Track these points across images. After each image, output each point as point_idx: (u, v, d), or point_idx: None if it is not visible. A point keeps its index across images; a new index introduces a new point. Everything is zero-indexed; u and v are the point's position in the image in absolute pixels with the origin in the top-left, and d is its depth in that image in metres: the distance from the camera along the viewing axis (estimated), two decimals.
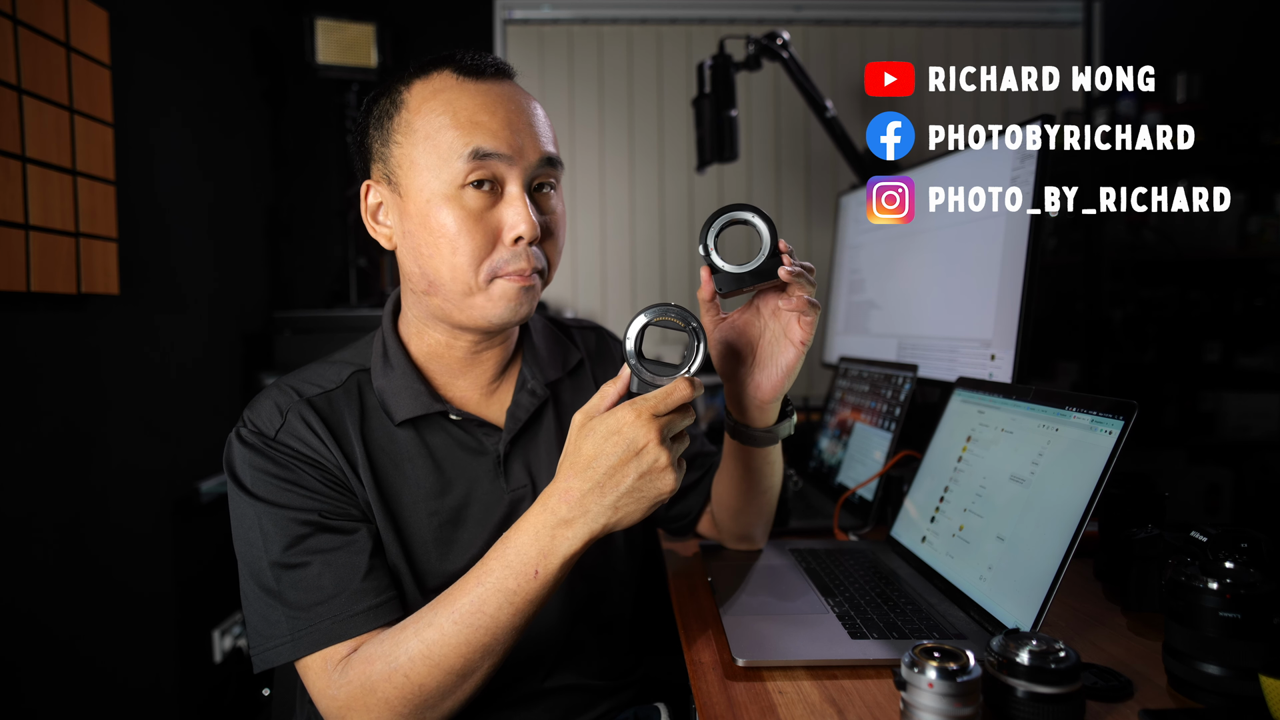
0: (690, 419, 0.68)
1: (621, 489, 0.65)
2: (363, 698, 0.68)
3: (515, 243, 0.76)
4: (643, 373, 0.68)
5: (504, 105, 0.76)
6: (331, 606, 0.71)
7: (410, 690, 0.67)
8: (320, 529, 0.73)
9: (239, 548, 0.75)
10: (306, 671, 0.71)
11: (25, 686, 1.25)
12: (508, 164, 0.75)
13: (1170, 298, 2.39)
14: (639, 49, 2.44)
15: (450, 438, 0.82)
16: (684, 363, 0.69)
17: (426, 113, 0.75)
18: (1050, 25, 2.42)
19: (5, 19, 1.19)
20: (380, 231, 0.82)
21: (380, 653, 0.69)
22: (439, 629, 0.67)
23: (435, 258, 0.76)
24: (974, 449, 0.92)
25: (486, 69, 0.78)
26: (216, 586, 1.82)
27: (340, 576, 0.72)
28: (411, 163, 0.76)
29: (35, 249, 1.25)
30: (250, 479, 0.74)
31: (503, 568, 0.67)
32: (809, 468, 1.45)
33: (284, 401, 0.78)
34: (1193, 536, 0.71)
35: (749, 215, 0.77)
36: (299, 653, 0.70)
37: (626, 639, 0.94)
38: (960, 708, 0.54)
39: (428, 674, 0.67)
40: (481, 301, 0.77)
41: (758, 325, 0.82)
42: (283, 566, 0.72)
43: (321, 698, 0.70)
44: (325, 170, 2.35)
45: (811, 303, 0.78)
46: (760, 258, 0.77)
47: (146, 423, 1.59)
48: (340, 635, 0.70)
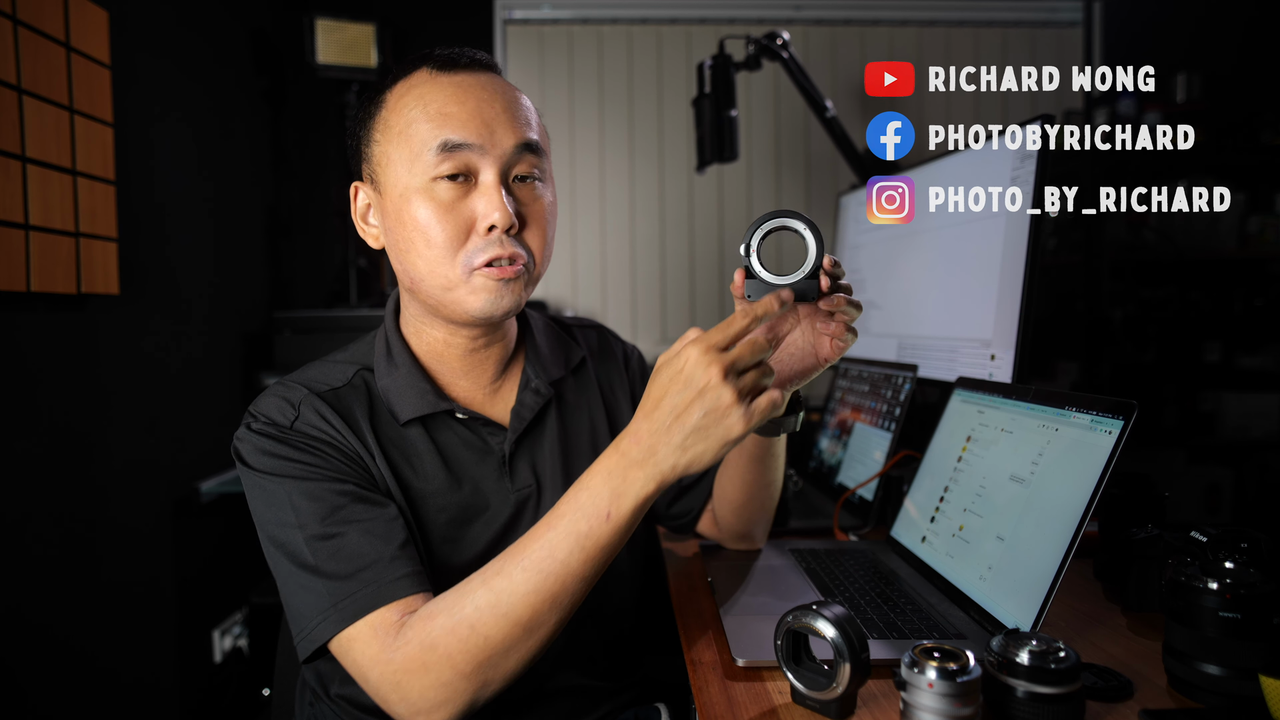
0: (762, 351, 0.63)
1: (688, 428, 0.62)
2: (422, 656, 0.65)
3: (489, 232, 0.75)
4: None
5: (474, 95, 0.76)
6: (373, 571, 0.68)
7: (476, 643, 0.64)
8: (354, 499, 0.72)
9: (271, 533, 0.72)
10: (353, 645, 0.67)
11: (25, 686, 1.25)
12: (479, 153, 0.74)
13: (1170, 298, 2.39)
14: (639, 49, 2.44)
15: (456, 437, 0.82)
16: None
17: (401, 109, 0.76)
18: (1050, 25, 2.42)
19: (5, 19, 1.19)
20: (369, 232, 0.83)
21: (443, 607, 0.66)
22: (508, 577, 0.65)
23: (411, 252, 0.76)
24: (974, 449, 0.92)
25: (460, 60, 0.77)
26: (216, 586, 1.82)
27: (378, 543, 0.70)
28: (388, 159, 0.76)
29: (35, 249, 1.25)
30: (271, 465, 0.73)
31: (574, 510, 0.65)
32: (809, 468, 1.45)
33: (294, 396, 0.78)
34: (1193, 536, 0.71)
35: (800, 226, 0.72)
36: (344, 622, 0.67)
37: (629, 639, 0.94)
38: (960, 708, 0.54)
39: (494, 625, 0.64)
40: (462, 295, 0.76)
41: (789, 322, 0.78)
42: (320, 538, 0.70)
43: (374, 668, 0.66)
44: (325, 170, 2.35)
45: (851, 330, 0.75)
46: (801, 273, 0.71)
47: (146, 423, 1.59)
48: (386, 598, 0.68)
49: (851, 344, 0.76)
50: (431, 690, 0.65)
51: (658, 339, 2.46)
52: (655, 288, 2.48)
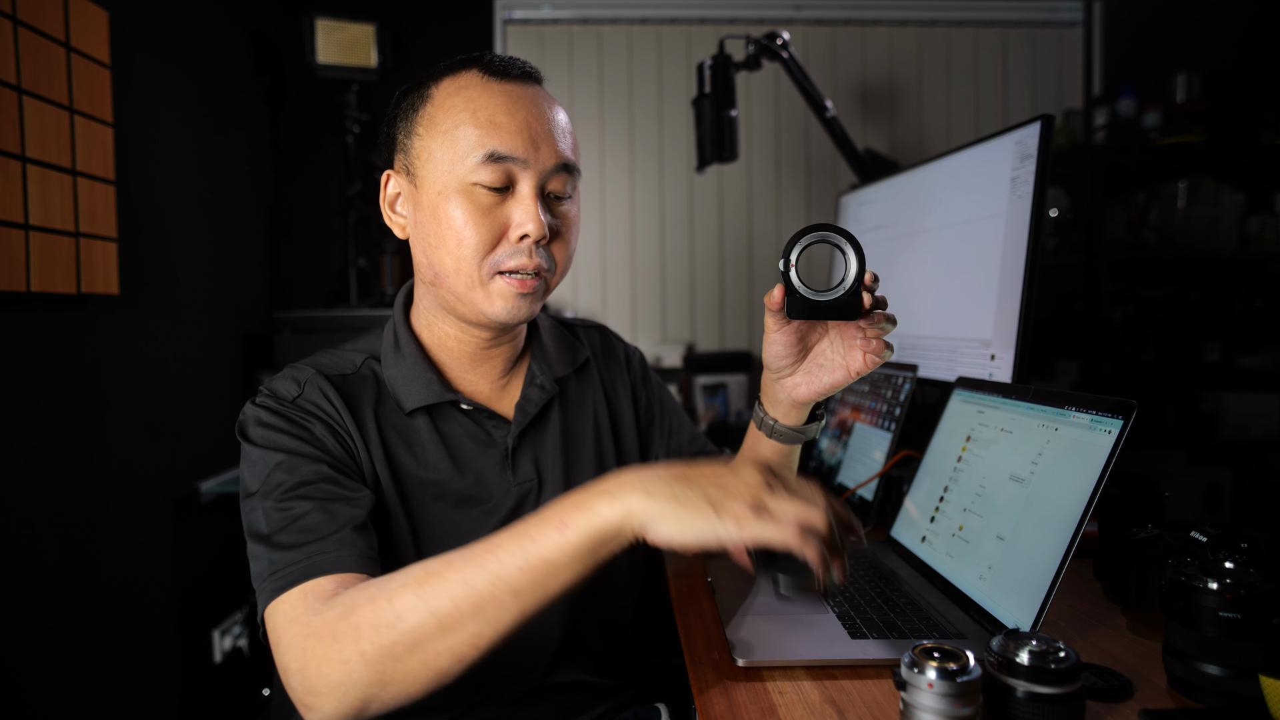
0: (829, 529, 0.60)
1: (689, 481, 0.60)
2: (336, 622, 0.60)
3: (520, 240, 0.76)
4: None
5: (524, 108, 0.77)
6: (320, 545, 0.67)
7: (387, 620, 0.59)
8: (324, 479, 0.72)
9: (244, 505, 0.73)
10: (278, 609, 0.64)
11: (25, 686, 1.24)
12: (521, 166, 0.76)
13: (1170, 298, 2.38)
14: (639, 49, 2.44)
15: (461, 428, 0.84)
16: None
17: (449, 108, 0.77)
18: (1050, 25, 2.42)
19: (5, 19, 1.19)
20: (396, 221, 0.84)
21: (378, 580, 0.63)
22: (445, 561, 0.62)
23: (441, 249, 0.77)
24: (974, 449, 0.92)
25: (512, 70, 0.79)
26: (216, 586, 1.82)
27: (335, 523, 0.69)
28: (430, 155, 0.77)
29: (35, 249, 1.25)
30: (262, 436, 0.75)
31: (533, 518, 0.62)
32: (809, 468, 1.45)
33: (302, 376, 0.80)
34: (1193, 536, 0.71)
35: (841, 241, 0.70)
36: (278, 590, 0.64)
37: (629, 636, 0.95)
38: (960, 708, 0.54)
39: (410, 606, 0.59)
40: (480, 297, 0.78)
41: (820, 331, 0.79)
42: (279, 510, 0.69)
43: (289, 629, 0.62)
44: (325, 170, 2.35)
45: (888, 345, 0.75)
46: (841, 290, 0.70)
47: (146, 423, 1.59)
48: (325, 569, 0.65)
49: (888, 358, 0.75)
50: (328, 666, 0.59)
51: (658, 339, 2.46)
52: (655, 288, 2.48)
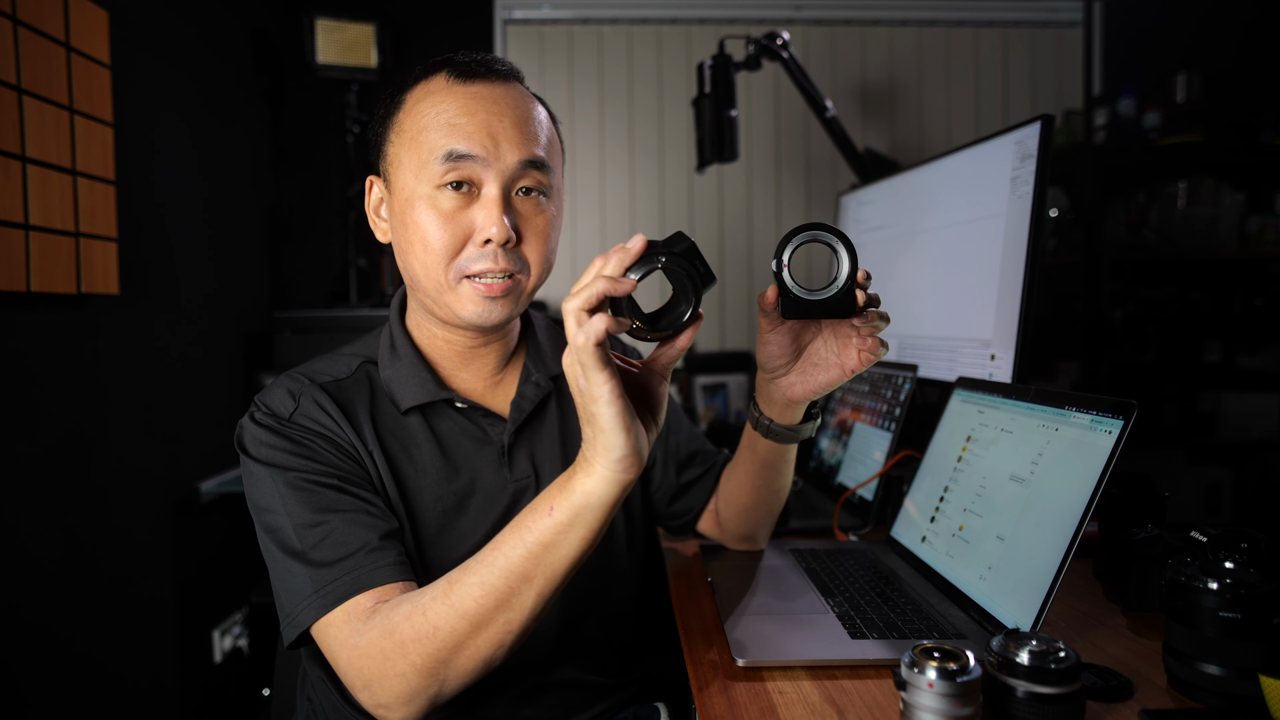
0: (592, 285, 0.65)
1: (584, 413, 0.64)
2: (381, 642, 0.65)
3: (485, 244, 0.76)
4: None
5: (484, 107, 0.77)
6: (356, 559, 0.70)
7: (426, 631, 0.64)
8: (339, 490, 0.74)
9: (264, 520, 0.74)
10: (329, 631, 0.68)
11: (25, 686, 1.25)
12: (483, 166, 0.76)
13: (1170, 298, 2.38)
14: (639, 49, 2.44)
15: (456, 426, 0.84)
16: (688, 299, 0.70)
17: (416, 114, 0.78)
18: (1050, 25, 2.42)
19: (5, 19, 1.19)
20: (379, 226, 0.85)
21: (410, 596, 0.67)
22: (465, 569, 0.67)
23: (410, 254, 0.78)
24: (974, 449, 0.92)
25: (477, 70, 0.78)
26: (216, 586, 1.82)
27: (363, 532, 0.72)
28: (399, 161, 0.79)
29: (35, 249, 1.25)
30: (267, 454, 0.75)
31: (527, 510, 0.67)
32: (809, 468, 1.45)
33: (296, 388, 0.80)
34: (1193, 536, 0.71)
35: (833, 240, 0.70)
36: (325, 608, 0.68)
37: (628, 635, 0.95)
38: (960, 708, 0.54)
39: (443, 615, 0.65)
40: (452, 300, 0.78)
41: (813, 330, 0.79)
42: (308, 526, 0.72)
43: (343, 651, 0.67)
44: (325, 170, 2.35)
45: (883, 343, 0.75)
46: (834, 289, 0.70)
47: (146, 423, 1.59)
48: (364, 585, 0.69)
49: (883, 356, 0.75)
50: (389, 680, 0.65)
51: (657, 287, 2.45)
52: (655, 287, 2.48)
